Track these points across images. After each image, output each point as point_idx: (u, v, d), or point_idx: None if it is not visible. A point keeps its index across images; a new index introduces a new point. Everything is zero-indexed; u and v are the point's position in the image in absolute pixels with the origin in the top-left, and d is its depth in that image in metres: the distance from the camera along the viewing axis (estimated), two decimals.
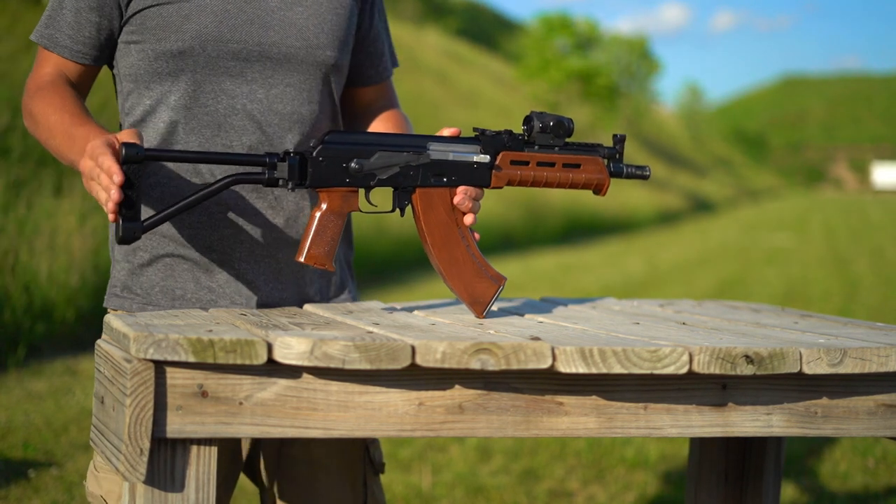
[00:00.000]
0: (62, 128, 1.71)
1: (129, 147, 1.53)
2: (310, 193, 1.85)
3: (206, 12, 1.75)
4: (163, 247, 1.80)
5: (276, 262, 1.83)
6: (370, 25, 1.95)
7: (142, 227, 1.57)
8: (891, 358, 1.59)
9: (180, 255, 1.80)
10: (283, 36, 1.80)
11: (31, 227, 6.01)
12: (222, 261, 1.80)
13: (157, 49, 1.76)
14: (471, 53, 30.65)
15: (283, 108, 1.80)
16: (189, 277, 1.80)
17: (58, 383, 4.89)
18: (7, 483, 3.51)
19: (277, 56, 1.80)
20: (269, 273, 1.83)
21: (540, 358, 1.44)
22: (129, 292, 1.81)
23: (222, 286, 1.80)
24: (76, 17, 1.77)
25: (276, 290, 1.84)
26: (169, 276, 1.80)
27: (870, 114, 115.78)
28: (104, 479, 1.74)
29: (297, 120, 1.82)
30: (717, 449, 2.22)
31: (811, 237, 19.31)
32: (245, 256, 1.81)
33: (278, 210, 1.82)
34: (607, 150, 1.85)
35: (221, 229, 1.79)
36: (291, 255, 1.83)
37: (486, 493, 3.71)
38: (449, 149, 1.75)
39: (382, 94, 2.03)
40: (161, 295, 1.80)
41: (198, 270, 1.80)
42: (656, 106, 54.05)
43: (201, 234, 1.79)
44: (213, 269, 1.80)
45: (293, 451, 1.88)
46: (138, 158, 1.54)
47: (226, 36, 1.76)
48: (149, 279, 1.81)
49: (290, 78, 1.81)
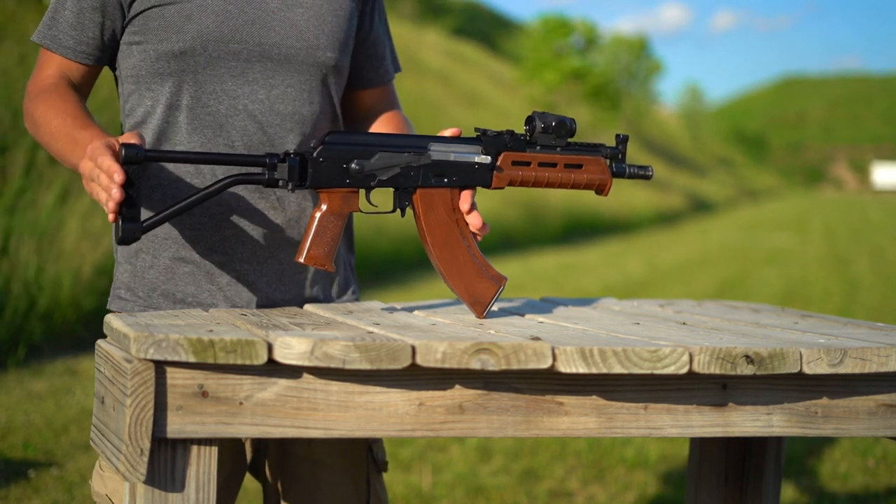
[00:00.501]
0: (64, 131, 1.71)
1: (129, 148, 1.53)
2: (311, 194, 1.85)
3: (208, 13, 1.75)
4: (164, 249, 1.80)
5: (279, 263, 1.83)
6: (370, 28, 1.95)
7: (141, 228, 1.57)
8: (891, 358, 1.59)
9: (181, 257, 1.80)
10: (283, 37, 1.80)
11: (31, 227, 6.01)
12: (224, 262, 1.80)
13: (159, 49, 1.76)
14: (471, 53, 30.64)
15: (285, 108, 1.81)
16: (190, 280, 1.80)
17: (58, 383, 4.89)
18: (7, 483, 3.51)
19: (278, 57, 1.80)
20: (271, 274, 1.83)
21: (540, 358, 1.44)
22: (132, 294, 1.82)
23: (223, 288, 1.80)
24: (79, 17, 1.77)
25: (277, 292, 1.84)
26: (170, 279, 1.80)
27: (870, 114, 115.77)
28: (109, 479, 1.74)
29: (299, 121, 1.82)
30: (717, 449, 2.22)
31: (811, 237, 19.32)
32: (247, 258, 1.81)
33: (280, 211, 1.82)
34: (610, 150, 1.84)
35: (223, 230, 1.79)
36: (294, 256, 1.83)
37: (486, 493, 3.71)
38: (450, 149, 1.75)
39: (383, 98, 2.03)
40: (162, 298, 1.80)
41: (199, 272, 1.80)
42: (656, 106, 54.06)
43: (203, 235, 1.79)
44: (215, 271, 1.80)
45: (296, 449, 1.88)
46: (138, 159, 1.54)
47: (227, 36, 1.76)
48: (150, 282, 1.81)
49: (291, 79, 1.81)
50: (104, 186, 1.52)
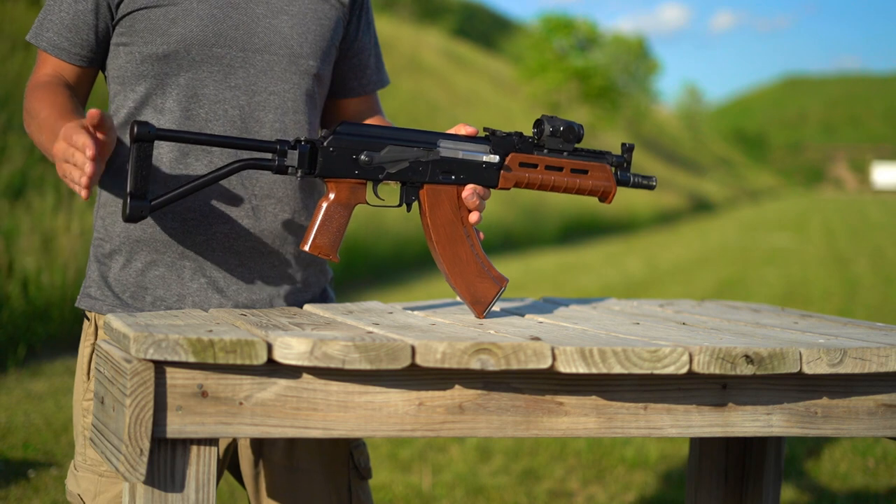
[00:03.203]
0: (49, 123, 1.70)
1: (141, 125, 1.53)
2: (290, 205, 1.83)
3: (193, 17, 1.75)
4: (137, 251, 1.79)
5: (249, 271, 1.82)
6: (355, 37, 1.95)
7: (149, 206, 1.57)
8: (891, 358, 1.59)
9: (153, 260, 1.79)
10: (266, 43, 1.80)
11: (29, 227, 6.01)
12: (195, 268, 1.79)
13: (144, 52, 1.76)
14: (471, 54, 30.65)
15: (265, 115, 1.80)
16: (160, 283, 1.79)
17: (58, 383, 4.89)
18: (7, 483, 3.51)
19: (260, 63, 1.80)
20: (240, 283, 1.81)
21: (540, 358, 1.44)
22: (102, 293, 1.81)
23: (192, 294, 1.79)
24: (74, 19, 1.77)
25: (247, 301, 1.82)
26: (141, 281, 1.79)
27: (870, 114, 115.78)
28: (82, 478, 1.75)
29: (280, 128, 1.81)
30: (717, 449, 2.22)
31: (811, 237, 19.32)
32: (217, 264, 1.80)
33: (254, 220, 1.80)
34: (615, 157, 1.86)
35: (195, 236, 1.78)
36: (265, 265, 1.83)
37: (486, 494, 3.71)
38: (459, 147, 1.76)
39: (367, 107, 2.03)
40: (132, 299, 1.79)
41: (170, 276, 1.79)
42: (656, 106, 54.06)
43: (176, 240, 1.78)
44: (185, 275, 1.79)
45: (274, 456, 1.87)
46: (150, 137, 1.54)
47: (210, 41, 1.76)
48: (121, 283, 1.80)
49: (274, 86, 1.81)
50: (78, 163, 1.50)
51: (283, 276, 1.86)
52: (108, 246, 1.81)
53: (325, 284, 1.96)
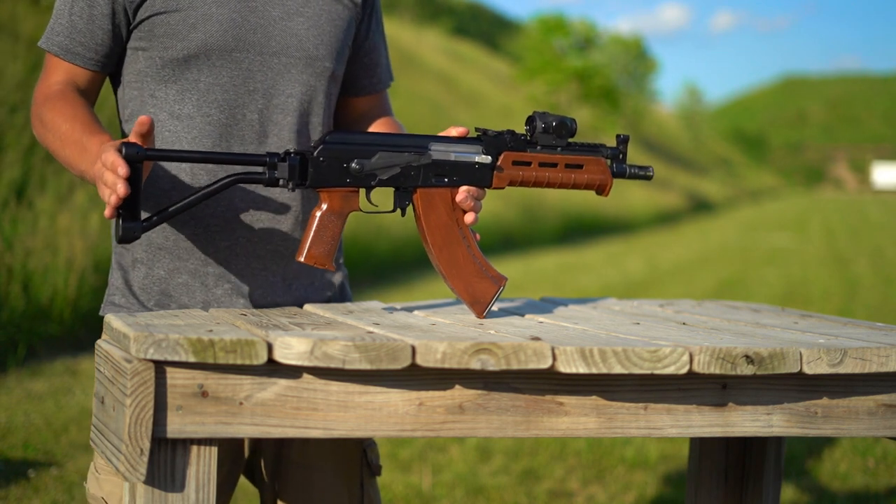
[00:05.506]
0: (74, 137, 1.70)
1: (129, 147, 1.53)
2: (312, 202, 1.84)
3: (212, 21, 1.75)
4: (159, 259, 1.80)
5: (272, 275, 1.83)
6: (366, 36, 1.96)
7: (141, 227, 1.57)
8: (891, 358, 1.59)
9: (176, 267, 1.79)
10: (283, 46, 1.80)
11: (30, 227, 6.00)
12: (218, 274, 1.80)
13: (164, 57, 1.76)
14: (471, 53, 30.65)
15: (284, 118, 1.81)
16: (184, 290, 1.80)
17: (58, 383, 4.89)
18: (7, 483, 3.50)
19: (277, 66, 1.80)
20: (265, 286, 1.83)
21: (540, 358, 1.44)
22: (127, 301, 1.81)
23: (218, 299, 1.80)
24: (88, 24, 1.76)
25: (272, 304, 1.84)
26: (165, 288, 1.80)
27: (870, 114, 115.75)
28: (105, 481, 1.73)
29: (299, 129, 1.82)
30: (717, 449, 2.22)
31: (811, 237, 19.32)
32: (241, 269, 1.81)
33: (276, 222, 1.81)
34: (610, 150, 1.84)
35: (218, 241, 1.79)
36: (287, 267, 1.84)
37: (486, 494, 3.71)
38: (450, 149, 1.75)
39: (377, 105, 2.04)
40: (157, 307, 1.80)
41: (194, 283, 1.80)
42: (656, 106, 54.06)
43: (198, 246, 1.79)
44: (209, 282, 1.80)
45: (290, 453, 1.88)
46: (138, 158, 1.54)
47: (230, 45, 1.77)
48: (146, 290, 1.81)
49: (291, 88, 1.82)
50: (109, 183, 1.52)
51: (306, 276, 1.87)
52: (129, 255, 1.81)
53: (344, 281, 1.97)
